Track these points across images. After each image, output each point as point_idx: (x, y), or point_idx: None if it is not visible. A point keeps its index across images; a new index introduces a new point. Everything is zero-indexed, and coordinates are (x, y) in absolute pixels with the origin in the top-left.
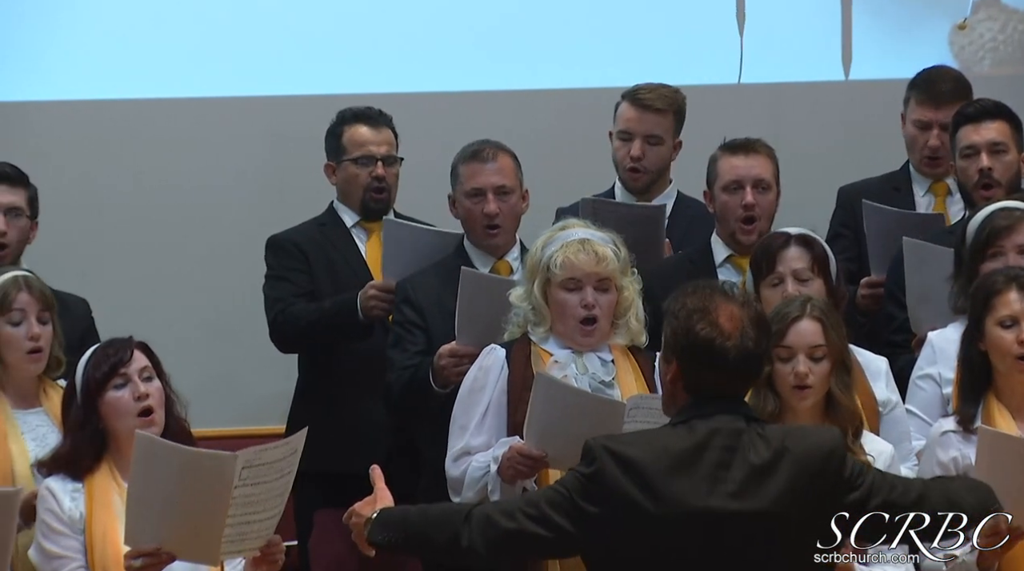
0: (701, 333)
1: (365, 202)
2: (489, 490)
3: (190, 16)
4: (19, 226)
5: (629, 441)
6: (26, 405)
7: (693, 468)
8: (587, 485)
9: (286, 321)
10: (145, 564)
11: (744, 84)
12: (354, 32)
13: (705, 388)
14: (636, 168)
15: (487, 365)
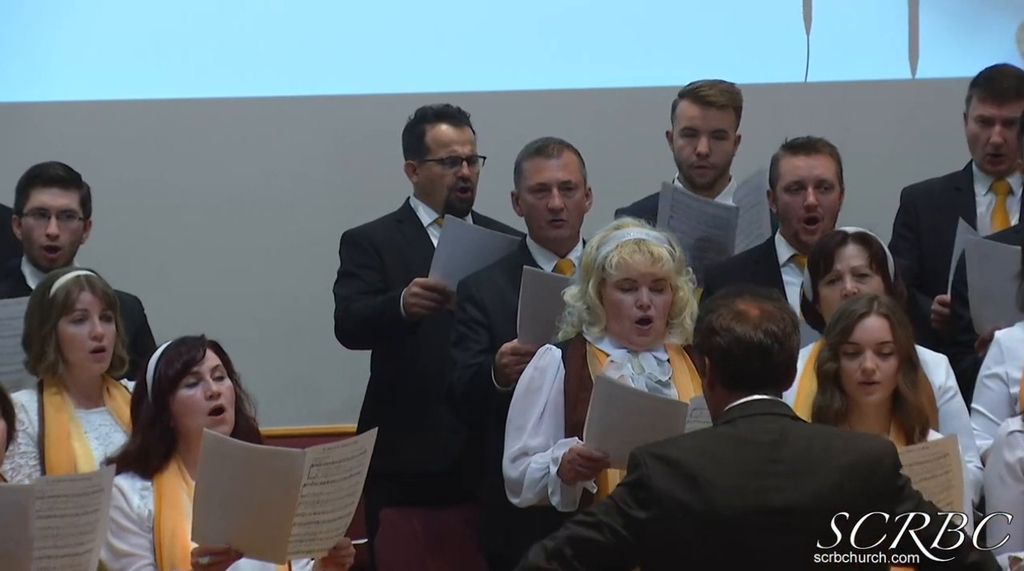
0: (721, 322)
1: (449, 201)
2: (549, 491)
3: (256, 15)
4: (71, 229)
5: (672, 443)
6: (90, 404)
7: (739, 465)
8: (634, 491)
9: (347, 318)
10: (212, 561)
11: (811, 83)
12: (419, 31)
13: (741, 380)
14: (703, 165)
15: (543, 365)
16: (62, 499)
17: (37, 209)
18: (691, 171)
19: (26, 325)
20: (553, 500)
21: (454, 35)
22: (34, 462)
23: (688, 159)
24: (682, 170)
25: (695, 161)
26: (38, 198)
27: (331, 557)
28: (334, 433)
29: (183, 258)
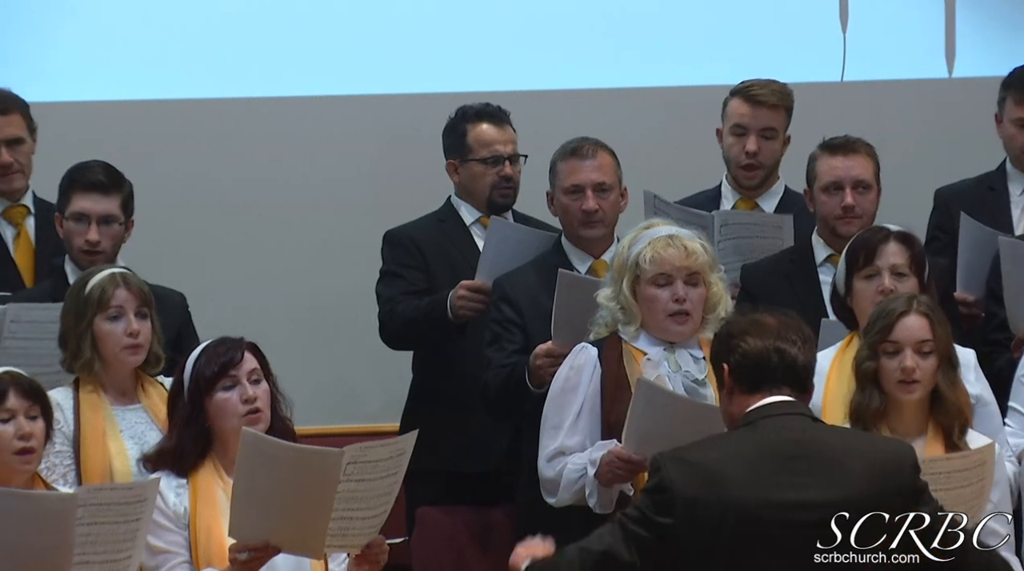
0: (739, 329)
1: (492, 200)
2: (587, 493)
3: (299, 15)
4: (111, 233)
5: (692, 447)
6: (125, 401)
7: (761, 464)
8: (655, 497)
9: (391, 319)
10: (250, 558)
11: (847, 82)
12: (461, 30)
13: (760, 382)
14: (752, 164)
15: (579, 364)
16: (104, 507)
17: (78, 213)
18: (739, 171)
19: (62, 323)
20: (590, 502)
21: (495, 34)
22: (69, 461)
23: (737, 157)
24: (730, 168)
25: (743, 159)
26: (79, 203)
27: (364, 555)
28: (373, 433)
29: (223, 256)
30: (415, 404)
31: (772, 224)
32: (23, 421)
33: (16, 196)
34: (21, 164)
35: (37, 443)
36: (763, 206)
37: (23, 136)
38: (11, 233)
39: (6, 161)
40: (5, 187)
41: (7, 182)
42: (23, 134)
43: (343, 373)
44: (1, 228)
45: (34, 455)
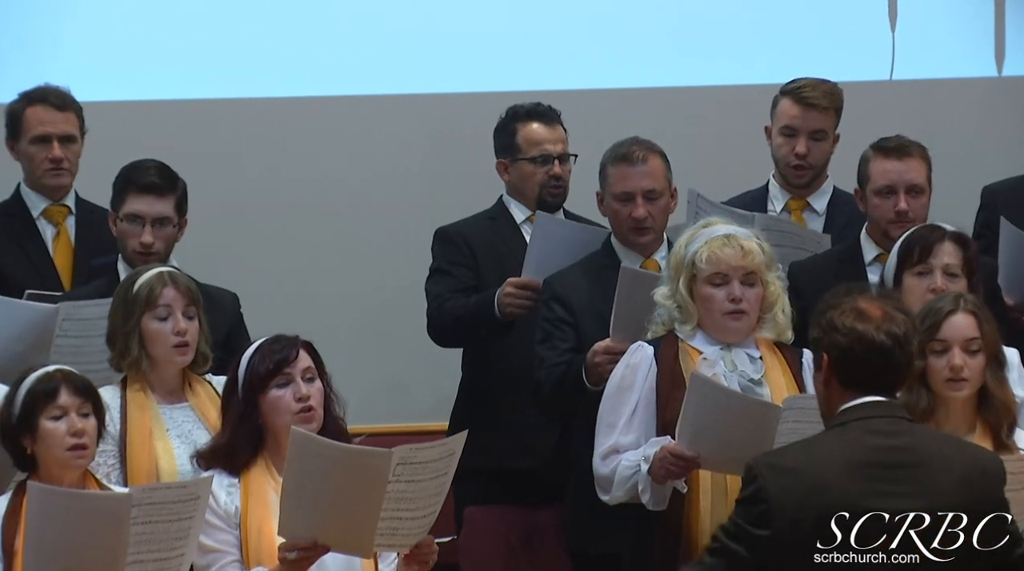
0: (846, 321)
1: (542, 199)
2: (640, 489)
3: (349, 14)
4: (165, 234)
5: (786, 451)
6: (173, 400)
7: (858, 471)
8: (751, 508)
9: (440, 316)
10: (300, 557)
11: (896, 80)
12: (511, 30)
13: (859, 380)
14: (801, 165)
15: (635, 363)
16: (157, 506)
17: (131, 215)
18: (788, 170)
19: (110, 321)
20: (643, 498)
21: (547, 33)
22: (113, 461)
23: (786, 158)
24: (779, 167)
25: (793, 160)
26: (133, 204)
27: (414, 554)
28: (423, 432)
29: (275, 255)
30: (464, 402)
31: (813, 239)
32: (75, 418)
33: (59, 195)
34: (70, 162)
35: (89, 440)
36: (814, 205)
37: (76, 135)
38: (51, 232)
39: (58, 156)
40: (53, 183)
41: (56, 178)
42: (76, 133)
43: (393, 371)
44: (41, 227)
45: (87, 452)
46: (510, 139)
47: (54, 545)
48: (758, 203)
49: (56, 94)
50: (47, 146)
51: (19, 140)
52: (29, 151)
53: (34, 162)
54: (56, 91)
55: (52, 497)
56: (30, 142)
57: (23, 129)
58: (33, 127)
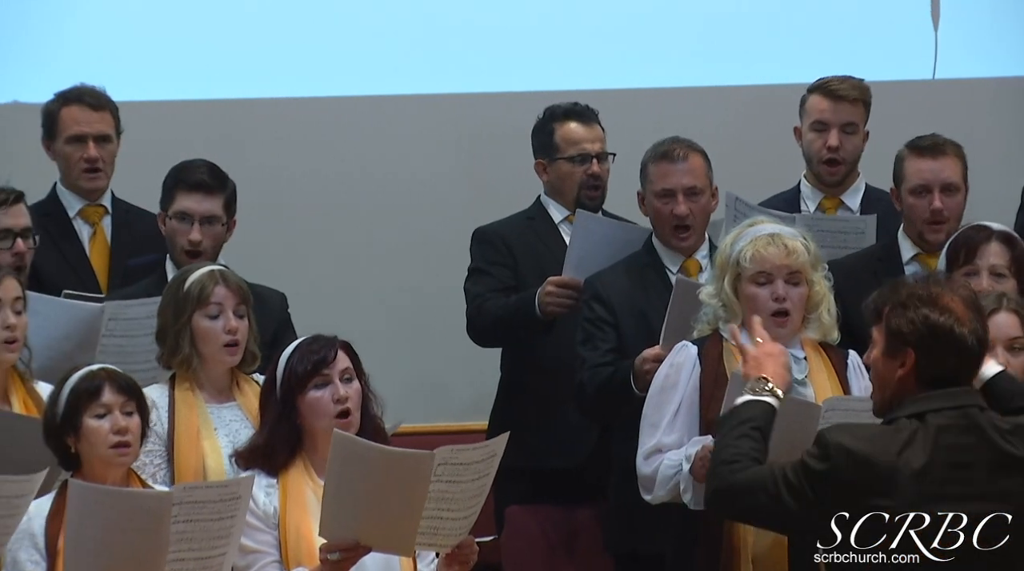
0: (940, 320)
1: (580, 199)
2: (681, 489)
3: (388, 14)
4: (213, 233)
5: (865, 436)
6: (221, 399)
7: (930, 472)
8: (818, 483)
9: (480, 316)
10: (341, 558)
11: (939, 79)
12: (548, 29)
13: (943, 377)
14: (834, 159)
15: (679, 362)
16: (199, 505)
17: (180, 213)
18: (820, 167)
19: (160, 319)
20: (685, 498)
21: (585, 33)
22: (159, 460)
23: (818, 153)
24: (811, 165)
25: (825, 154)
26: (182, 202)
27: (455, 555)
28: (462, 431)
29: (313, 254)
30: (503, 401)
31: (856, 229)
32: (119, 416)
33: (95, 195)
34: (106, 162)
35: (133, 438)
36: (848, 203)
37: (111, 134)
38: (87, 232)
39: (93, 155)
40: (89, 183)
41: (92, 178)
42: (111, 133)
43: (432, 371)
44: (77, 227)
45: (130, 450)
46: (548, 139)
47: (95, 543)
48: (791, 204)
49: (92, 94)
50: (83, 146)
51: (55, 140)
52: (65, 151)
53: (70, 162)
54: (92, 91)
55: (93, 495)
56: (66, 142)
57: (59, 129)
58: (69, 127)
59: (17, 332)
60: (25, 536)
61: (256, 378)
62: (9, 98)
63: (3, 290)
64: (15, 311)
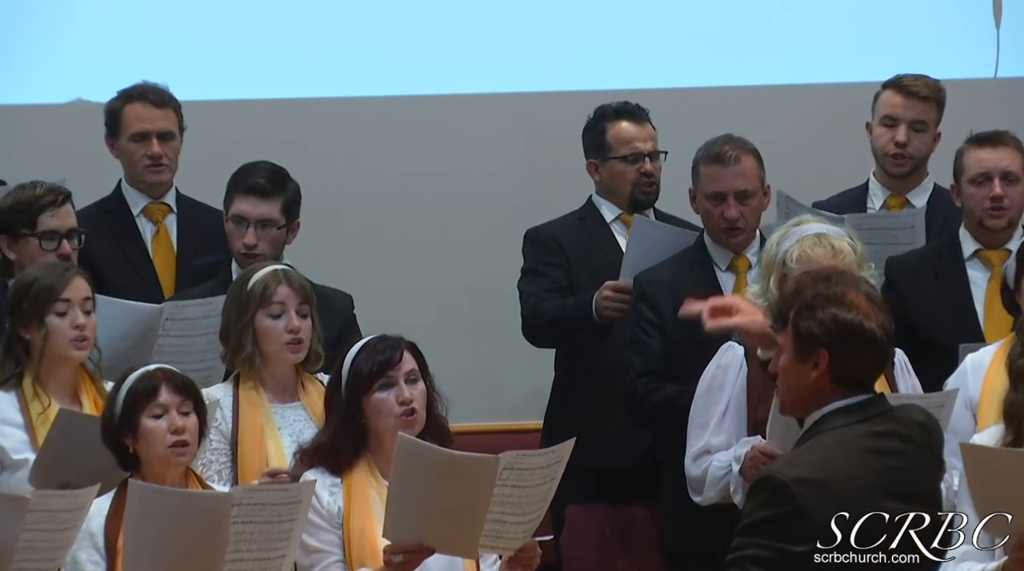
0: (849, 317)
1: (634, 197)
2: (731, 490)
3: (442, 13)
4: (269, 237)
5: (805, 462)
6: (285, 399)
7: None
8: (790, 527)
9: (535, 317)
10: (405, 560)
11: (1000, 78)
12: (600, 29)
13: (855, 376)
14: (901, 154)
15: (725, 363)
16: (259, 507)
17: (237, 216)
18: (887, 160)
19: (224, 318)
20: (735, 499)
21: (636, 32)
22: (224, 459)
23: (885, 147)
24: (878, 160)
25: (892, 150)
26: (238, 206)
27: (518, 558)
28: (516, 430)
29: (371, 254)
30: (559, 400)
31: (904, 226)
32: (176, 416)
33: (159, 192)
34: (169, 159)
35: (190, 437)
36: (913, 201)
37: (174, 131)
38: (150, 230)
39: (156, 152)
40: (153, 179)
41: (155, 174)
42: (174, 130)
43: (486, 369)
44: (140, 225)
45: (188, 449)
46: (599, 138)
47: (154, 543)
48: (858, 201)
49: (154, 91)
50: (146, 143)
51: (118, 138)
52: (128, 148)
53: (133, 159)
54: (154, 88)
55: (152, 495)
56: (129, 139)
57: (122, 126)
58: (132, 124)
59: (87, 331)
60: (85, 536)
61: (321, 378)
62: (73, 96)
63: (73, 290)
64: (84, 311)
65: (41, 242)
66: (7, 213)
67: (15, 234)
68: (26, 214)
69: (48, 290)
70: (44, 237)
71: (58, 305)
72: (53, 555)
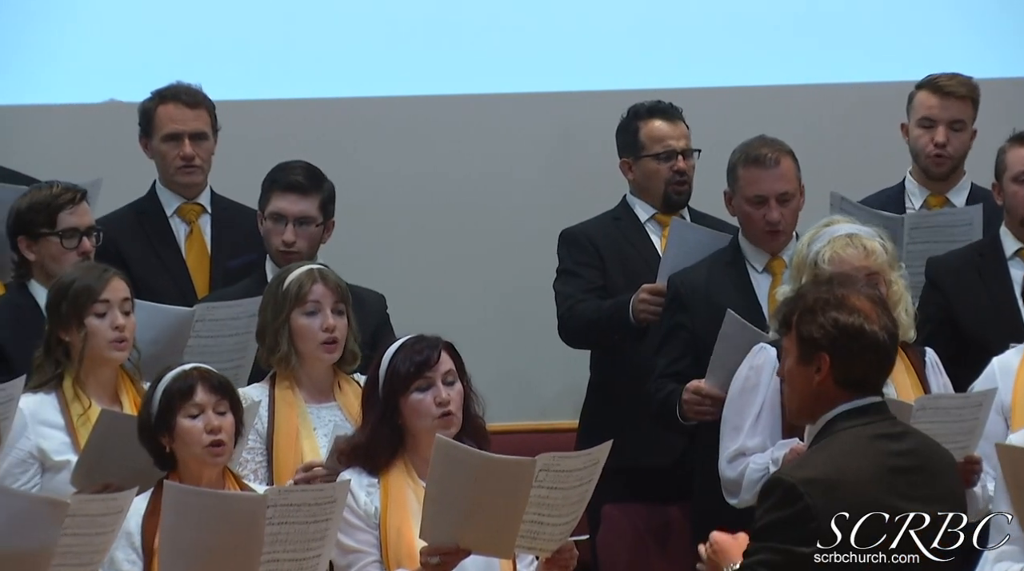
0: (850, 320)
1: (668, 196)
2: None
3: (485, 15)
4: (308, 234)
5: (814, 464)
6: (321, 398)
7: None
8: (797, 528)
9: (572, 319)
10: (442, 562)
11: None
12: (633, 29)
13: (858, 379)
14: (941, 155)
15: (758, 364)
16: (294, 507)
17: (275, 214)
18: (927, 161)
19: (260, 318)
20: None
21: (669, 31)
22: (260, 458)
23: (925, 149)
24: (918, 161)
25: (932, 150)
26: (276, 203)
27: (555, 559)
28: (550, 430)
29: (405, 254)
30: (594, 401)
31: (963, 221)
32: (212, 416)
33: (193, 193)
34: (203, 159)
35: (227, 437)
36: (953, 200)
37: (207, 132)
38: (184, 231)
39: (188, 153)
40: (186, 180)
41: (188, 175)
42: (207, 130)
43: (521, 369)
44: (174, 226)
45: (224, 448)
46: (633, 137)
47: (189, 543)
48: (895, 201)
49: (188, 92)
50: (179, 144)
51: (152, 138)
52: (161, 149)
53: (166, 160)
54: (188, 89)
55: (187, 496)
56: (162, 140)
57: (155, 127)
58: (165, 125)
59: (126, 332)
60: (122, 535)
61: (357, 378)
62: (106, 97)
63: (112, 291)
64: (123, 311)
65: (62, 240)
66: (25, 213)
67: (34, 234)
68: (44, 213)
69: (87, 291)
70: (64, 235)
71: (97, 306)
72: (91, 559)
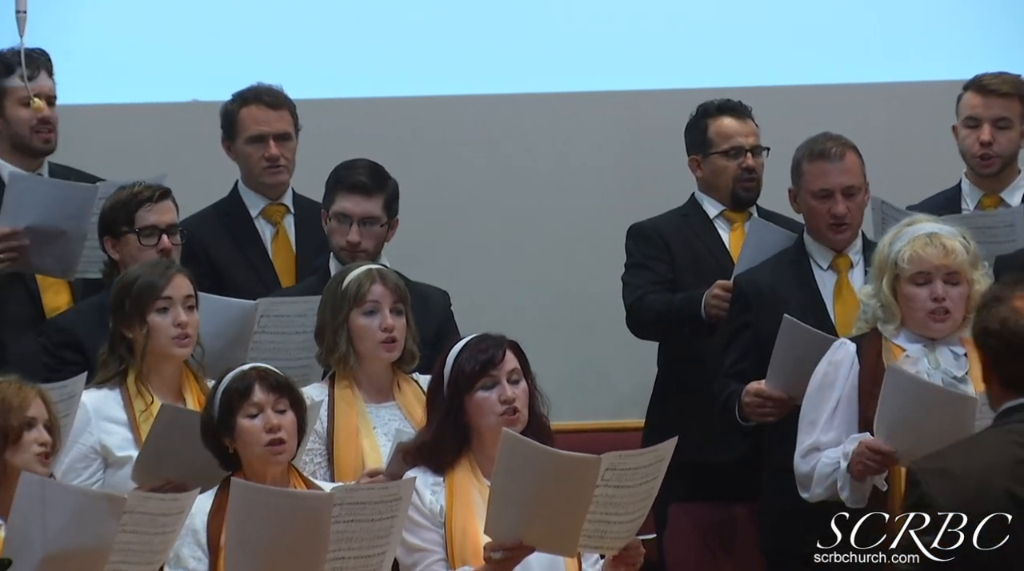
0: (1006, 319)
1: (736, 193)
2: (839, 486)
3: (555, 14)
4: (372, 234)
5: (948, 455)
6: (380, 398)
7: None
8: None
9: (640, 309)
10: (506, 557)
11: None
12: (703, 28)
13: (1018, 377)
14: (987, 154)
15: (837, 360)
16: (359, 506)
17: (339, 213)
18: (975, 161)
19: (319, 317)
20: (842, 495)
21: (738, 30)
22: (320, 459)
23: (971, 148)
24: (967, 161)
25: (978, 150)
26: (341, 203)
27: (621, 557)
28: (618, 428)
29: (474, 251)
30: (661, 397)
31: (1004, 223)
32: (271, 414)
33: (277, 193)
34: (287, 159)
35: (287, 435)
36: (1008, 200)
37: (291, 132)
38: (270, 232)
39: (274, 154)
40: (272, 181)
41: (274, 176)
42: (291, 130)
43: (587, 368)
44: (260, 226)
45: (285, 447)
46: (702, 135)
47: (256, 541)
48: (951, 203)
49: (269, 93)
50: (263, 145)
51: (235, 140)
52: (245, 151)
53: (251, 161)
54: (269, 90)
55: (254, 495)
56: (246, 142)
57: (238, 129)
58: (248, 127)
59: (189, 329)
60: (188, 532)
61: (416, 378)
62: (188, 97)
63: (175, 288)
64: (187, 308)
65: (140, 238)
66: (108, 213)
67: (116, 233)
68: (124, 211)
69: (149, 288)
70: (142, 233)
71: (159, 303)
72: (151, 559)
